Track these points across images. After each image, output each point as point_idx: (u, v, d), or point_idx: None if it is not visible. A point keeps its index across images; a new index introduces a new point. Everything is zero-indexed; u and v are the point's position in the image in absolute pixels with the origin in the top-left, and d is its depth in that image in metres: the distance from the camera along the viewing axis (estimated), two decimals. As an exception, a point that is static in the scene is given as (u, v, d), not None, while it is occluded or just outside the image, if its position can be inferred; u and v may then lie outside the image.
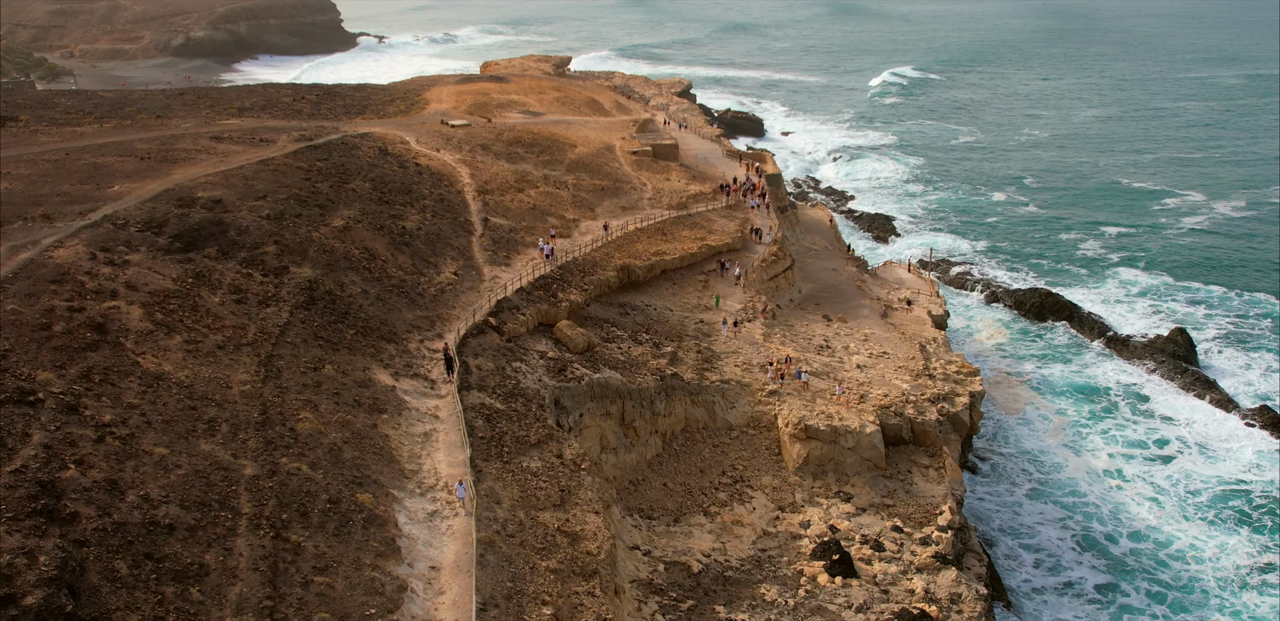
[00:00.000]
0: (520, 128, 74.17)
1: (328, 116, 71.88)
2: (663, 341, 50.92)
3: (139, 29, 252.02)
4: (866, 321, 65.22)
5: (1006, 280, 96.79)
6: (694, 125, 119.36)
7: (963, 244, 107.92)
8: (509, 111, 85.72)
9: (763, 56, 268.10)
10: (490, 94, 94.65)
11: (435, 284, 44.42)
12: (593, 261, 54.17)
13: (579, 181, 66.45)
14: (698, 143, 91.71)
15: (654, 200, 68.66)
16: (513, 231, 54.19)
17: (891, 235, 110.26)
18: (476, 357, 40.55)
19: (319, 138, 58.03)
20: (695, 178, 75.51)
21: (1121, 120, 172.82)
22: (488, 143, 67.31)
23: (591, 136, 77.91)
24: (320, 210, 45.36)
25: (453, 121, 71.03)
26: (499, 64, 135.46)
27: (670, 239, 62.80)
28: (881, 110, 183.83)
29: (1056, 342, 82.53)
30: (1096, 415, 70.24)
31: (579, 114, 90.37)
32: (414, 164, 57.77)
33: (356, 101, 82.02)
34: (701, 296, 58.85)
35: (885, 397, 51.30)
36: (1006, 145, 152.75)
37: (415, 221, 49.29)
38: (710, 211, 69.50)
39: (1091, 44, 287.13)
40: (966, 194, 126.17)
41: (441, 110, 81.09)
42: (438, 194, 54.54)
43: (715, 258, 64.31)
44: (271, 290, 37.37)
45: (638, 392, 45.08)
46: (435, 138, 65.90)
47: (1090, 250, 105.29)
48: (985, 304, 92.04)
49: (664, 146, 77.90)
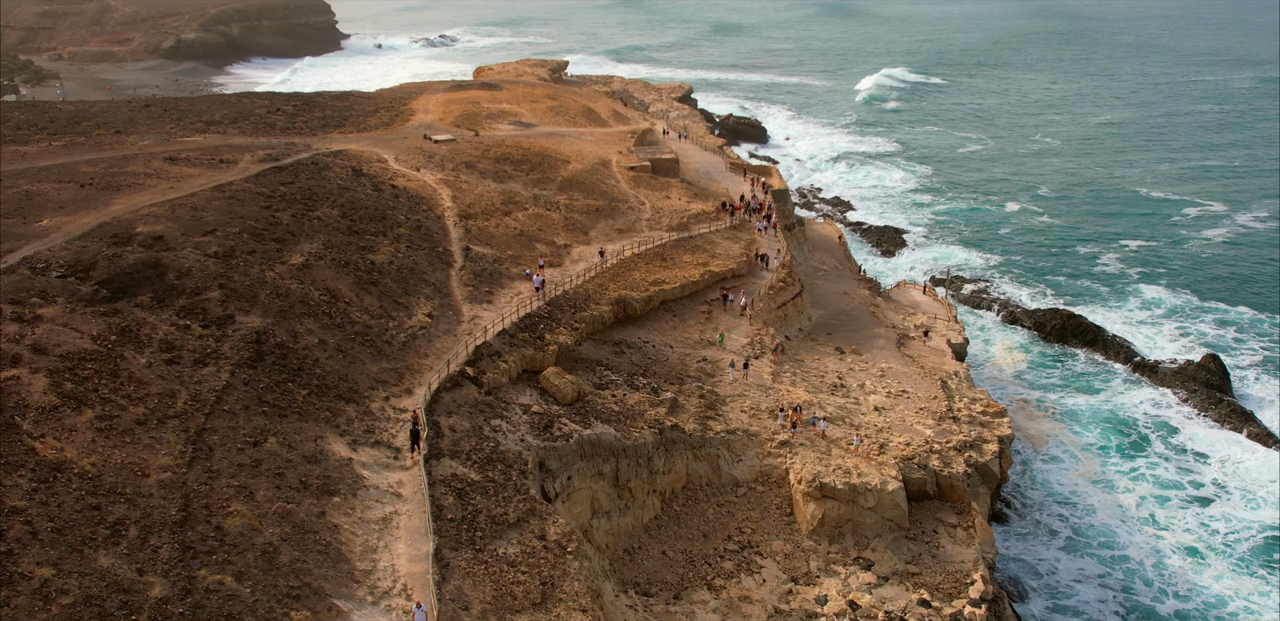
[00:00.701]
0: (509, 142, 69.33)
1: (303, 130, 67.04)
2: (662, 385, 46.10)
3: (129, 31, 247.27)
4: (882, 353, 60.43)
5: (1023, 298, 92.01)
6: (695, 134, 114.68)
7: (975, 258, 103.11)
8: (499, 123, 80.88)
9: (764, 58, 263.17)
10: (480, 103, 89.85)
11: (406, 329, 39.57)
12: (585, 294, 49.35)
13: (572, 202, 61.64)
14: (699, 155, 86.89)
15: (653, 221, 63.87)
16: (497, 262, 49.35)
17: (901, 249, 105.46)
18: (450, 416, 35.73)
19: (287, 157, 53.20)
20: (697, 195, 70.69)
21: (1135, 125, 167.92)
22: (473, 160, 62.43)
23: (586, 150, 73.09)
24: (278, 245, 40.51)
25: (436, 136, 66.17)
26: (493, 69, 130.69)
27: (670, 265, 58.01)
28: (885, 115, 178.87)
29: (1079, 369, 77.73)
30: (1126, 451, 65.46)
31: (574, 125, 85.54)
32: (390, 186, 52.92)
33: (337, 112, 77.17)
34: (704, 330, 54.03)
35: (907, 447, 46.49)
36: (1017, 152, 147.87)
37: (387, 254, 44.43)
38: (713, 233, 64.70)
39: (1098, 46, 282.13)
40: (977, 204, 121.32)
41: (427, 122, 76.22)
42: (414, 220, 49.69)
43: (719, 285, 59.53)
44: (211, 345, 32.53)
45: (633, 450, 40.27)
46: (416, 155, 61.05)
47: (1109, 265, 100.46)
48: (1002, 324, 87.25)
49: (663, 161, 73.10)
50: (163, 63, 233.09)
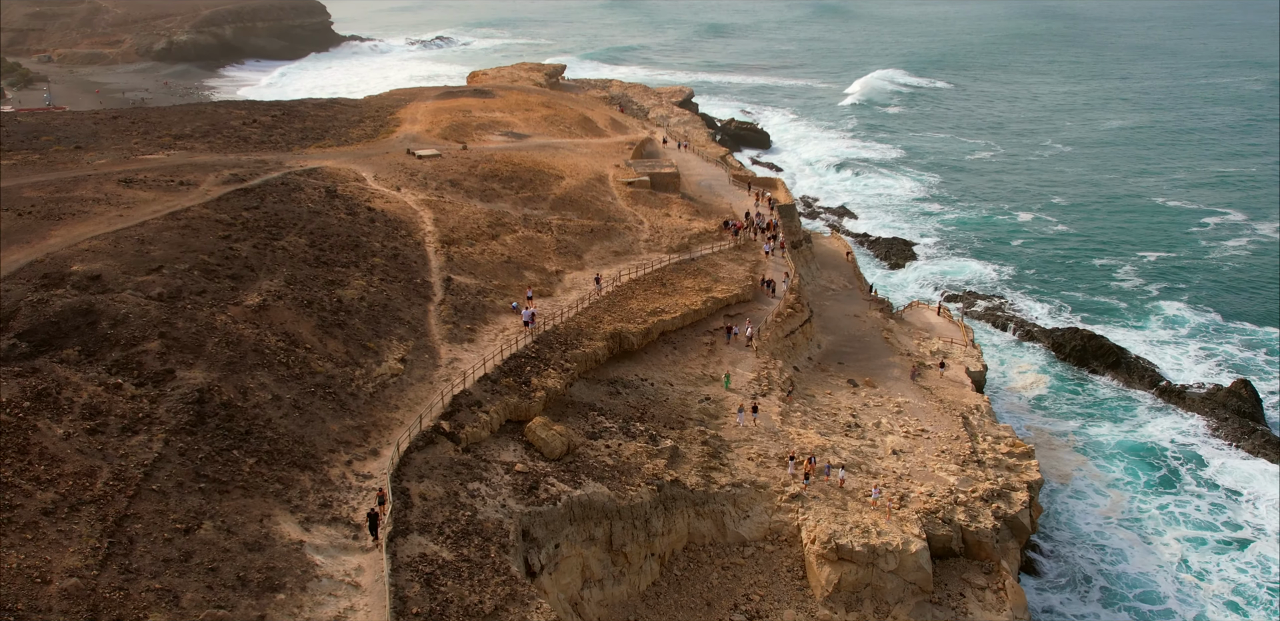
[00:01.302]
0: (499, 156, 65.16)
1: (278, 145, 62.93)
2: (661, 431, 42.00)
3: (120, 32, 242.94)
4: (898, 384, 56.34)
5: (1040, 316, 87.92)
6: (697, 141, 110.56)
7: (988, 271, 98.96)
8: (490, 134, 76.72)
9: (764, 59, 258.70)
10: (471, 112, 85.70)
11: (374, 377, 35.43)
12: (577, 329, 45.23)
13: (565, 222, 57.51)
14: (701, 167, 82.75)
15: (652, 242, 59.75)
16: (481, 293, 45.21)
17: (910, 261, 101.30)
18: (422, 481, 31.63)
19: (254, 177, 49.06)
20: (699, 212, 66.56)
21: (1148, 130, 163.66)
22: (459, 177, 58.26)
23: (581, 164, 68.95)
24: (233, 283, 36.38)
25: (420, 152, 62.00)
26: (487, 74, 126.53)
27: (670, 291, 53.90)
28: (888, 120, 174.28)
29: (1101, 394, 73.62)
30: (1155, 487, 61.39)
31: (569, 135, 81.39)
32: (366, 209, 48.79)
33: (318, 123, 73.00)
34: (706, 364, 49.92)
35: (930, 498, 42.39)
36: (1027, 159, 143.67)
37: (358, 289, 40.30)
38: (716, 254, 60.57)
39: (1105, 48, 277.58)
40: (988, 214, 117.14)
41: (413, 134, 72.06)
42: (391, 248, 45.55)
43: (722, 312, 55.43)
44: (145, 408, 28.43)
45: (629, 510, 36.17)
46: (397, 172, 56.90)
47: (1127, 279, 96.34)
48: (1019, 343, 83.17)
49: (663, 175, 68.98)
50: (154, 65, 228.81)
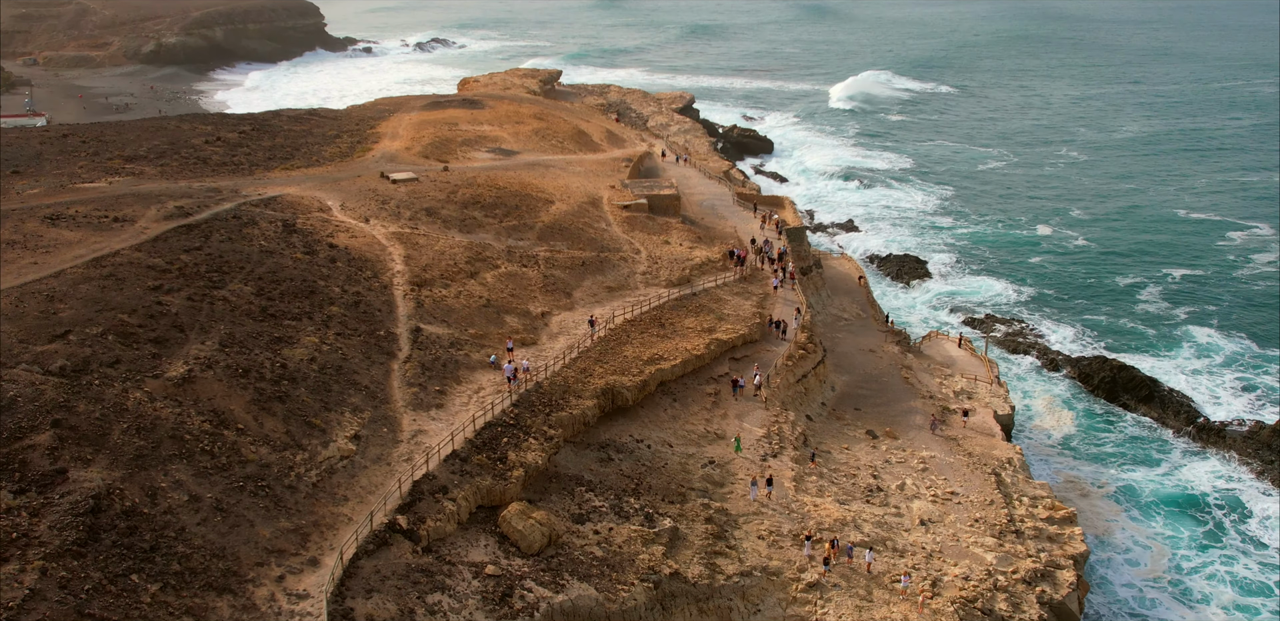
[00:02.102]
0: (483, 179, 59.75)
1: (240, 167, 57.58)
2: (659, 506, 36.65)
3: (108, 35, 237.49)
4: (921, 434, 51.01)
5: (1064, 342, 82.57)
6: (698, 152, 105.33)
7: (1007, 291, 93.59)
8: (476, 150, 71.35)
9: (764, 61, 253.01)
10: (458, 125, 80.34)
11: (320, 463, 30.07)
12: (564, 385, 39.87)
13: (553, 254, 52.12)
14: (702, 184, 77.32)
15: (650, 274, 54.37)
16: (454, 345, 39.85)
17: (924, 280, 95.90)
18: (370, 597, 26.31)
19: (202, 210, 43.69)
20: (700, 238, 61.19)
21: (1165, 137, 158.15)
22: (436, 205, 52.87)
23: (573, 186, 63.58)
24: (155, 349, 31.01)
25: (395, 175, 56.58)
26: (478, 81, 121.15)
27: (670, 333, 48.55)
28: (893, 127, 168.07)
29: (1133, 432, 68.31)
30: (1199, 542, 56.05)
31: (561, 151, 76.00)
32: (327, 246, 43.41)
33: (290, 140, 67.61)
34: (710, 418, 44.59)
35: (966, 582, 37.09)
36: (1042, 168, 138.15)
37: (308, 348, 34.92)
38: (720, 287, 55.22)
39: (1114, 52, 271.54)
40: (1004, 227, 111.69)
41: (391, 152, 66.66)
42: (352, 294, 40.19)
43: (727, 355, 50.07)
44: (22, 525, 23.10)
45: (620, 616, 30.83)
46: (368, 200, 51.53)
47: (1153, 301, 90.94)
48: (1041, 372, 77.88)
49: (662, 198, 63.60)
50: (142, 68, 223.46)
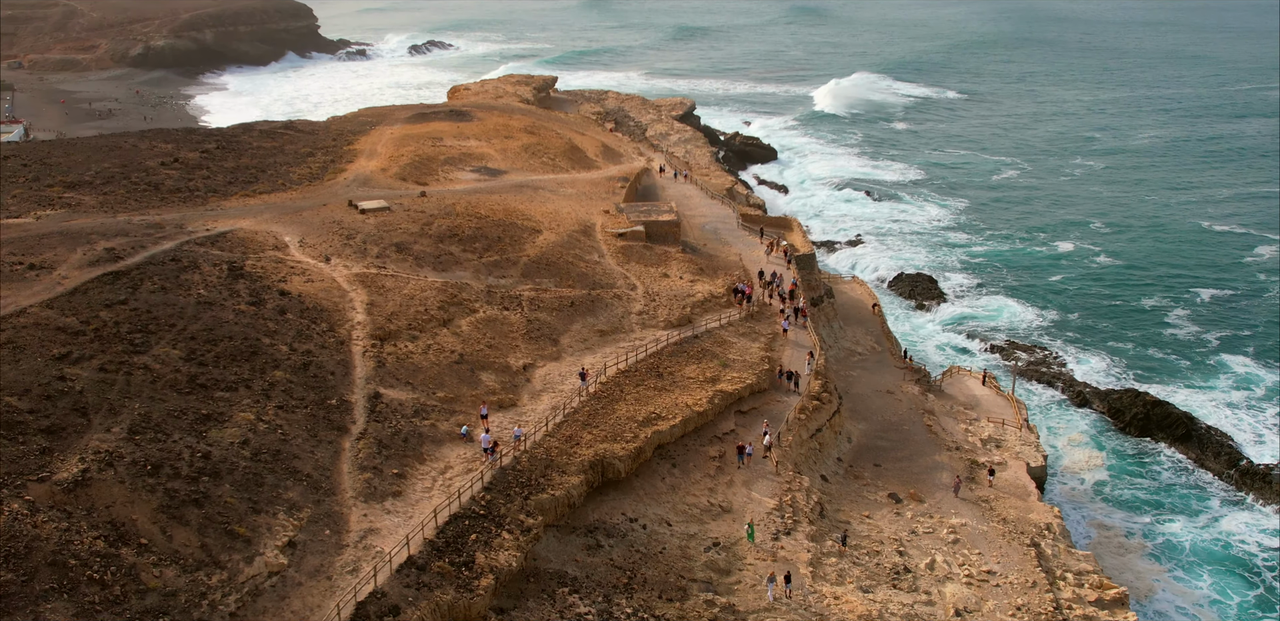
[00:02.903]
0: (463, 206, 54.35)
1: (195, 193, 52.25)
2: (656, 607, 31.33)
3: (95, 37, 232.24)
4: (949, 496, 45.67)
5: (1090, 372, 77.26)
6: (699, 164, 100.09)
7: (1027, 314, 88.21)
8: (459, 170, 66.01)
9: (769, 64, 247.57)
10: (442, 140, 75.02)
11: (242, 583, 24.70)
12: (546, 459, 34.56)
13: (539, 294, 46.77)
14: (704, 204, 71.92)
15: (647, 314, 49.02)
16: (420, 413, 34.51)
17: (938, 302, 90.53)
18: None
19: (137, 252, 38.37)
20: (703, 270, 55.81)
21: (1183, 144, 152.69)
22: (409, 239, 47.50)
23: (564, 212, 58.22)
24: (47, 441, 25.67)
25: (364, 204, 51.18)
26: (469, 89, 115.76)
27: (669, 384, 43.23)
28: (900, 135, 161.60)
29: (1170, 477, 63.11)
30: (1249, 610, 50.86)
31: (552, 169, 70.64)
32: (277, 293, 38.10)
33: (257, 160, 62.26)
34: (714, 487, 39.27)
35: (1013, 694, 31.83)
36: (1058, 178, 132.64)
37: (241, 428, 29.57)
38: (724, 328, 49.86)
39: (1125, 55, 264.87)
40: (1022, 243, 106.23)
41: (366, 173, 61.28)
42: (302, 354, 34.87)
43: (733, 408, 44.75)
44: None
45: None
46: (331, 234, 46.18)
47: (1182, 325, 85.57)
48: (1067, 406, 72.62)
49: (660, 224, 58.22)
50: (130, 71, 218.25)
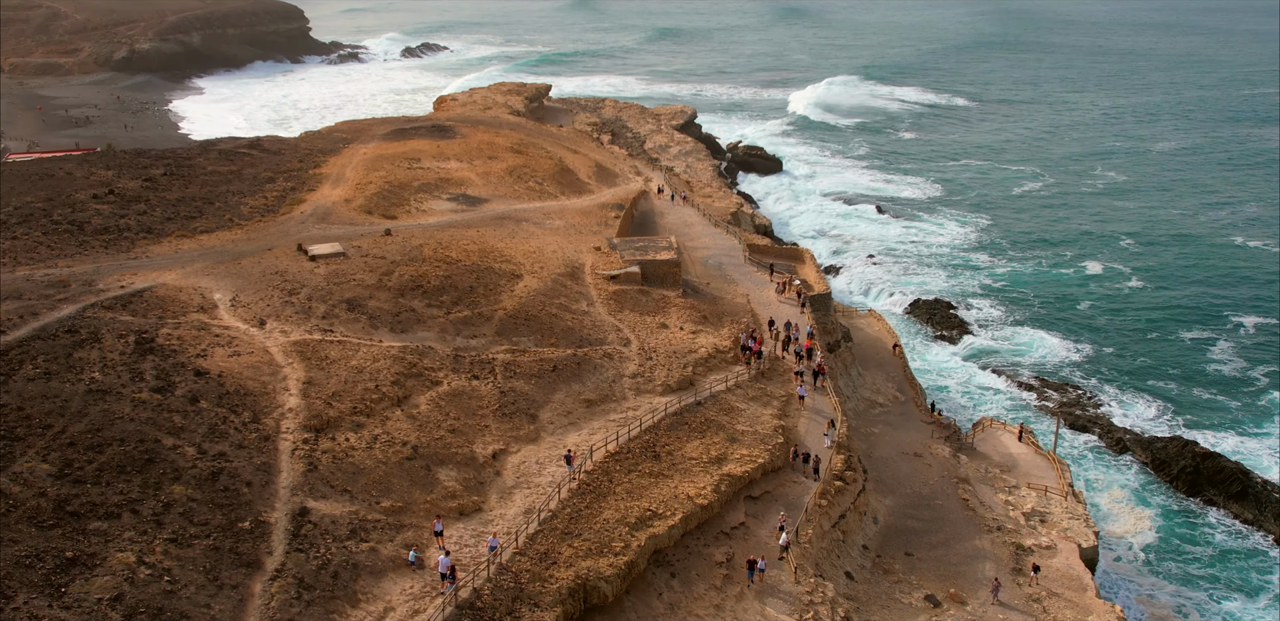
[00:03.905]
0: (433, 247, 47.52)
1: (122, 235, 45.49)
2: None
3: (78, 40, 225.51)
4: (992, 598, 38.94)
5: (1129, 415, 70.67)
6: (701, 181, 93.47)
7: (1057, 348, 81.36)
8: (435, 198, 59.26)
9: (773, 67, 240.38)
10: (420, 161, 68.29)
11: None
12: (514, 587, 27.86)
13: (516, 357, 40.03)
14: (707, 233, 65.07)
15: (642, 376, 42.29)
16: (357, 534, 27.77)
17: (960, 332, 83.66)
18: None
19: (25, 322, 31.62)
20: (706, 318, 49.03)
21: (1206, 151, 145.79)
22: (363, 293, 40.72)
23: (549, 250, 51.45)
24: None
25: (315, 249, 44.24)
26: (456, 99, 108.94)
27: (667, 468, 36.54)
28: (912, 145, 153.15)
29: (1224, 542, 56.66)
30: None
31: (539, 196, 63.86)
32: (192, 375, 31.38)
33: (207, 188, 55.49)
34: (721, 605, 32.52)
35: None
36: (1080, 192, 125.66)
37: (115, 576, 22.83)
38: (731, 391, 43.13)
39: (1137, 58, 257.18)
40: (1048, 265, 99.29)
41: (327, 205, 54.47)
42: (213, 457, 28.17)
43: (742, 493, 38.07)
44: None
45: None
46: (271, 289, 39.41)
47: (1228, 360, 78.82)
48: (1105, 454, 66.01)
49: (658, 264, 51.42)
50: (113, 76, 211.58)
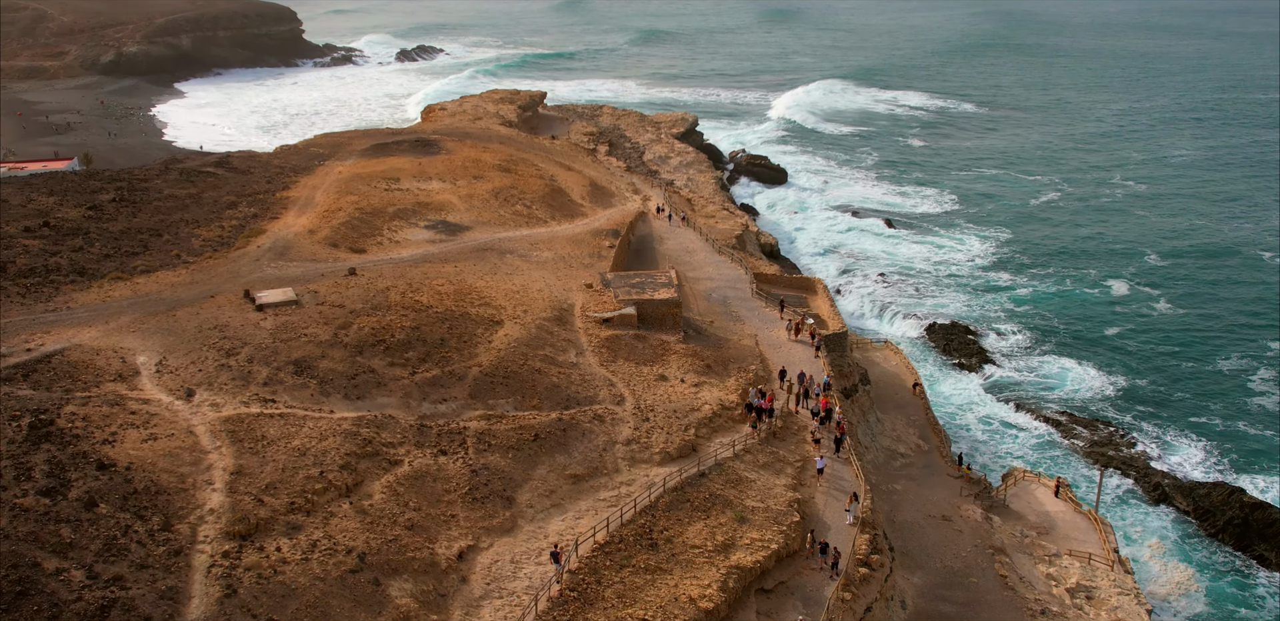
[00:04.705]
0: (402, 289, 42.00)
1: (48, 278, 39.93)
2: None
3: (65, 43, 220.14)
4: (1046, 704, 33.60)
5: (1166, 457, 65.29)
6: (703, 196, 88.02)
7: (1084, 378, 75.87)
8: (411, 226, 53.80)
9: (778, 71, 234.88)
10: (399, 181, 62.86)
11: None
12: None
13: (492, 424, 34.57)
14: (709, 261, 59.48)
15: (637, 442, 36.83)
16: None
17: (979, 361, 78.17)
18: None
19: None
20: (711, 366, 43.55)
21: (1226, 158, 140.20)
22: (314, 352, 35.20)
23: (535, 288, 45.97)
24: None
25: (263, 296, 38.54)
26: (445, 109, 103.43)
27: (666, 561, 31.11)
28: (921, 154, 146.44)
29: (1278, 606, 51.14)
30: None
31: (527, 221, 58.35)
32: (94, 467, 25.94)
33: (159, 216, 49.99)
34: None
35: None
36: (1100, 202, 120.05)
37: None
38: (738, 457, 37.69)
39: (1148, 60, 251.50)
40: (1072, 284, 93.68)
41: (288, 237, 48.92)
42: (105, 584, 22.70)
43: (753, 587, 32.63)
44: None
45: None
46: (206, 350, 33.88)
47: (1270, 391, 73.36)
48: (1141, 500, 60.74)
49: (657, 304, 45.94)
50: (99, 79, 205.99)
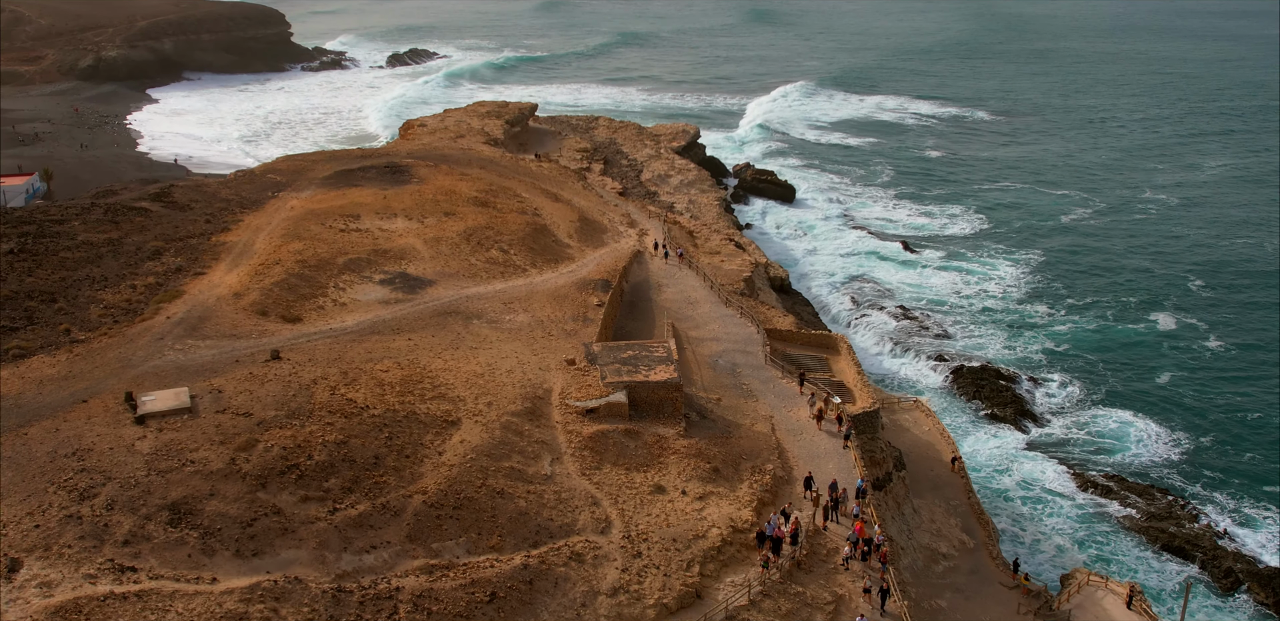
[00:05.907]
0: (333, 382, 33.55)
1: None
2: None
3: (42, 47, 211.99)
4: None
5: (1239, 536, 56.94)
6: (707, 224, 79.82)
7: (1137, 434, 67.61)
8: (362, 283, 45.41)
9: (781, 73, 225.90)
10: (358, 219, 54.55)
11: None
12: None
13: (434, 582, 26.06)
14: (717, 318, 50.86)
15: (626, 592, 28.47)
16: None
17: (1017, 413, 69.60)
18: None
19: None
20: (719, 470, 35.15)
21: (1258, 171, 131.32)
22: (202, 488, 26.63)
23: (504, 368, 37.60)
24: None
25: (149, 403, 29.75)
26: (425, 125, 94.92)
27: None
28: (938, 165, 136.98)
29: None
30: None
31: (503, 271, 49.89)
32: None
33: (61, 271, 41.64)
34: None
35: None
36: (1133, 218, 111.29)
37: None
38: (753, 607, 29.40)
39: (1166, 63, 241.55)
40: (1114, 319, 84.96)
41: (209, 302, 40.49)
42: None
43: None
44: None
45: None
46: (53, 491, 25.26)
47: (1350, 450, 65.07)
48: (1211, 589, 52.79)
49: (652, 388, 37.52)
50: (78, 85, 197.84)
